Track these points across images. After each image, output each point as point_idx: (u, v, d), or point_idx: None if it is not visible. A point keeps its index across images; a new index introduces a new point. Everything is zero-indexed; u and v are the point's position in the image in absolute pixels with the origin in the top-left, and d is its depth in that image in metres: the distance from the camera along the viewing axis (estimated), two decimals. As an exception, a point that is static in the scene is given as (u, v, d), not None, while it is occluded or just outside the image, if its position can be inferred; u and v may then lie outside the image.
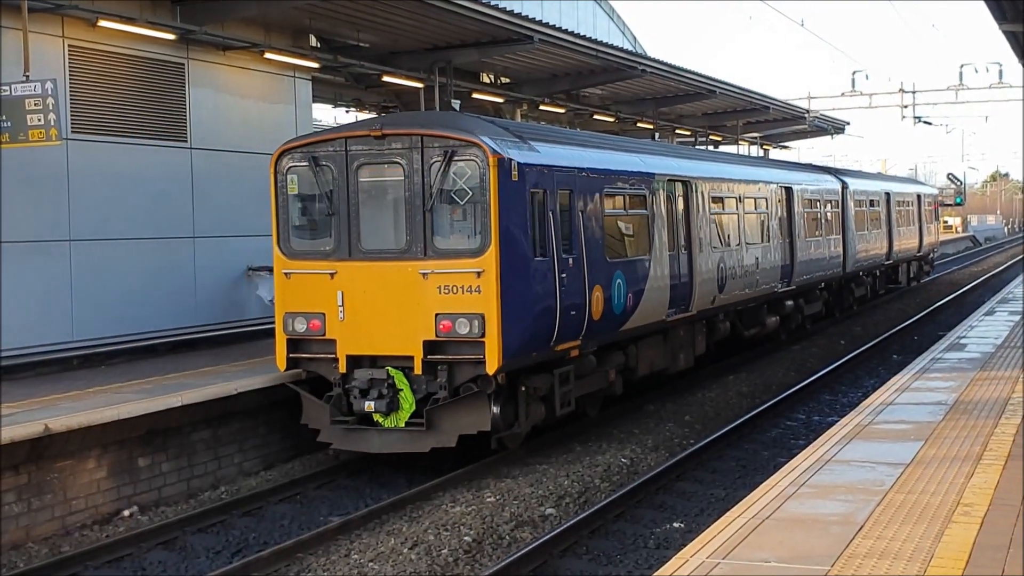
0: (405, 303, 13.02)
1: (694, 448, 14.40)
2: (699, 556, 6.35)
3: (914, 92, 46.44)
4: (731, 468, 13.91)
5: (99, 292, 15.96)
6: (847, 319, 29.16)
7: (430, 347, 12.94)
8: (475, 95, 24.89)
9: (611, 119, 31.65)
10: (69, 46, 15.57)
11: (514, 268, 12.96)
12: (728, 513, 7.34)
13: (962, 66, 44.23)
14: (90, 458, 11.97)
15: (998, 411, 10.59)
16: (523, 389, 13.54)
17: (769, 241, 22.16)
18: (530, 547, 10.19)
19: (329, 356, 13.40)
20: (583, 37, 23.37)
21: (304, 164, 13.63)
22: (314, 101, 21.98)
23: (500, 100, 26.64)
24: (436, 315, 12.85)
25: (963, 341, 16.54)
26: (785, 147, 50.24)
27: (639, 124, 33.18)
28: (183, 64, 17.49)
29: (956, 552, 6.30)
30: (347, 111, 36.91)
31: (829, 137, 49.17)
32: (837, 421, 10.96)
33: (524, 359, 13.26)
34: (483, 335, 12.70)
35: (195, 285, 17.64)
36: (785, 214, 23.40)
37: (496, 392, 13.00)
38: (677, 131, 36.88)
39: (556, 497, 12.25)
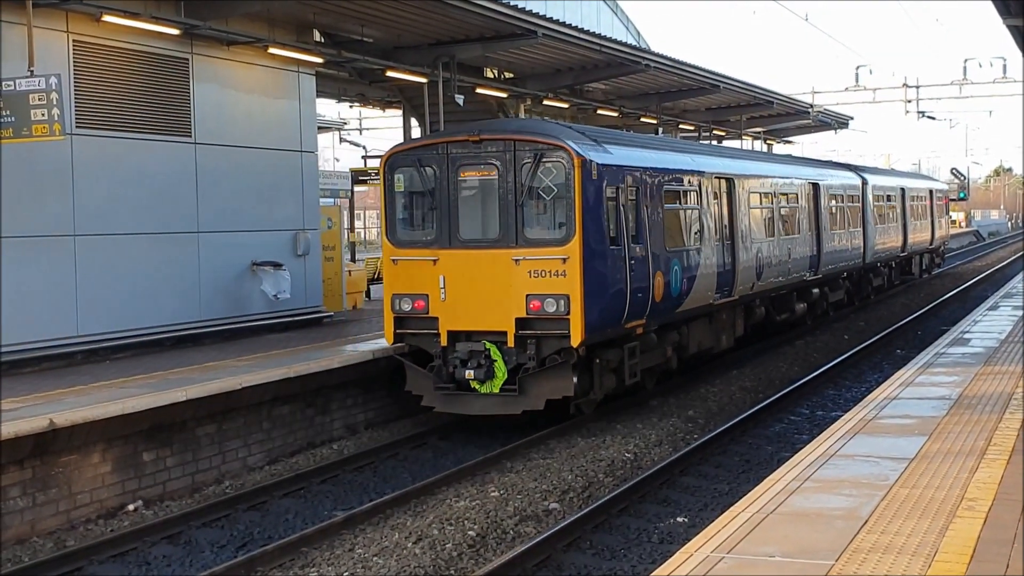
0: (499, 286, 14.87)
1: (698, 443, 14.41)
2: (703, 551, 6.36)
3: (918, 87, 46.40)
4: (735, 463, 13.91)
5: (103, 287, 15.98)
6: (855, 312, 29.17)
7: (521, 323, 14.80)
8: (479, 90, 24.88)
9: (615, 114, 31.61)
10: (73, 41, 15.57)
11: (594, 255, 14.84)
12: (732, 508, 7.35)
13: (966, 61, 44.24)
14: (95, 453, 12.00)
15: (1002, 406, 10.59)
16: (597, 361, 15.45)
17: (799, 233, 23.99)
18: (534, 541, 10.21)
19: (432, 332, 15.25)
20: (587, 32, 23.35)
21: (410, 166, 15.52)
22: (318, 96, 21.99)
23: (504, 95, 26.62)
24: (527, 296, 14.72)
25: (967, 336, 16.54)
26: (789, 142, 50.17)
27: (643, 119, 33.13)
28: (187, 59, 17.49)
29: (960, 547, 6.31)
30: (351, 106, 36.96)
31: (833, 132, 49.06)
32: (841, 416, 10.96)
33: (600, 334, 15.13)
34: (568, 313, 14.56)
35: (199, 280, 17.66)
36: (812, 208, 25.12)
37: (577, 363, 14.85)
38: (681, 126, 36.83)
39: (560, 491, 12.27)
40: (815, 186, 25.50)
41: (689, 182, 18.30)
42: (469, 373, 14.88)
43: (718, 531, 6.76)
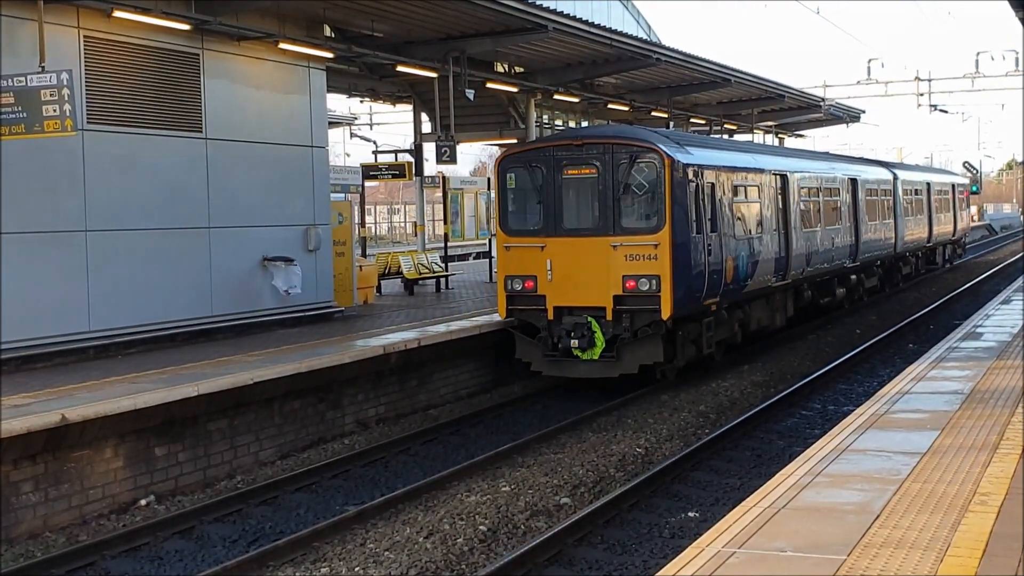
0: (599, 268, 17.23)
1: (709, 437, 14.39)
2: (715, 545, 6.34)
3: (930, 80, 46.23)
4: (746, 458, 13.89)
5: (115, 282, 16.01)
6: (862, 308, 29.11)
7: (618, 300, 17.15)
8: (489, 84, 24.86)
9: (625, 108, 31.55)
10: (84, 37, 15.60)
11: (680, 242, 17.18)
12: (744, 502, 7.33)
13: (978, 54, 44.04)
14: (107, 448, 12.03)
15: (1015, 401, 10.55)
16: (680, 333, 17.82)
17: (841, 224, 26.33)
18: (545, 536, 10.21)
19: (539, 308, 17.62)
20: (597, 26, 23.30)
21: (520, 166, 18.06)
22: (328, 91, 21.98)
23: (514, 90, 26.60)
24: (623, 276, 17.08)
25: (979, 330, 16.48)
26: (800, 135, 50.01)
27: (653, 113, 33.08)
28: (198, 54, 17.50)
29: (973, 542, 6.29)
30: (361, 101, 36.95)
31: (844, 126, 48.92)
32: (853, 410, 10.93)
33: (684, 309, 17.46)
34: (659, 291, 16.93)
35: (211, 275, 17.68)
36: (852, 201, 27.49)
37: (664, 334, 17.25)
38: (692, 120, 36.75)
39: (571, 486, 12.27)
40: (854, 181, 27.77)
41: (752, 178, 20.76)
42: (574, 343, 17.15)
43: (729, 526, 6.74)
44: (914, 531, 6.50)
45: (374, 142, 40.35)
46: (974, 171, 70.50)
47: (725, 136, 39.61)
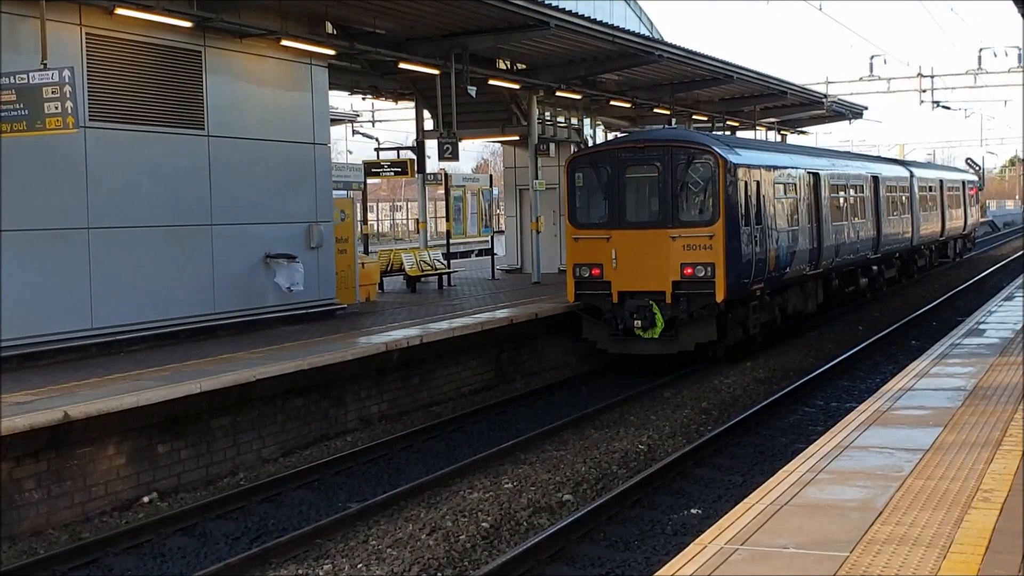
0: (659, 256, 19.31)
1: (712, 434, 14.40)
2: (717, 542, 6.34)
3: (932, 76, 46.06)
4: (749, 454, 13.89)
5: (118, 279, 16.01)
6: (865, 305, 29.11)
7: (676, 285, 19.20)
8: (491, 81, 24.84)
9: (627, 105, 31.52)
10: (86, 34, 15.59)
11: (732, 233, 19.31)
12: (746, 499, 7.32)
13: (981, 50, 43.80)
14: (109, 445, 12.04)
15: (1017, 397, 10.54)
16: (730, 315, 19.83)
17: (864, 218, 28.43)
18: (548, 533, 10.21)
19: (605, 292, 19.66)
20: (599, 23, 23.28)
21: (587, 166, 20.32)
22: (330, 88, 21.95)
23: (516, 86, 26.58)
24: (680, 264, 19.18)
25: (982, 327, 16.46)
26: (803, 132, 49.94)
27: (656, 110, 33.03)
28: (200, 52, 17.49)
29: (976, 538, 6.28)
30: (363, 98, 36.91)
31: (847, 122, 48.82)
32: (855, 407, 10.92)
33: (735, 293, 19.52)
34: (713, 277, 19.06)
35: (213, 272, 17.67)
36: (874, 197, 29.52)
37: (717, 316, 19.26)
38: (694, 117, 36.71)
39: (573, 483, 12.27)
40: (876, 179, 29.98)
41: (791, 176, 22.94)
42: (637, 323, 19.20)
43: (732, 523, 6.74)
44: (917, 528, 6.50)
45: (376, 139, 40.43)
46: (977, 167, 70.40)
47: (727, 132, 39.61)
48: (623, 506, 11.40)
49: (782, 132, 45.22)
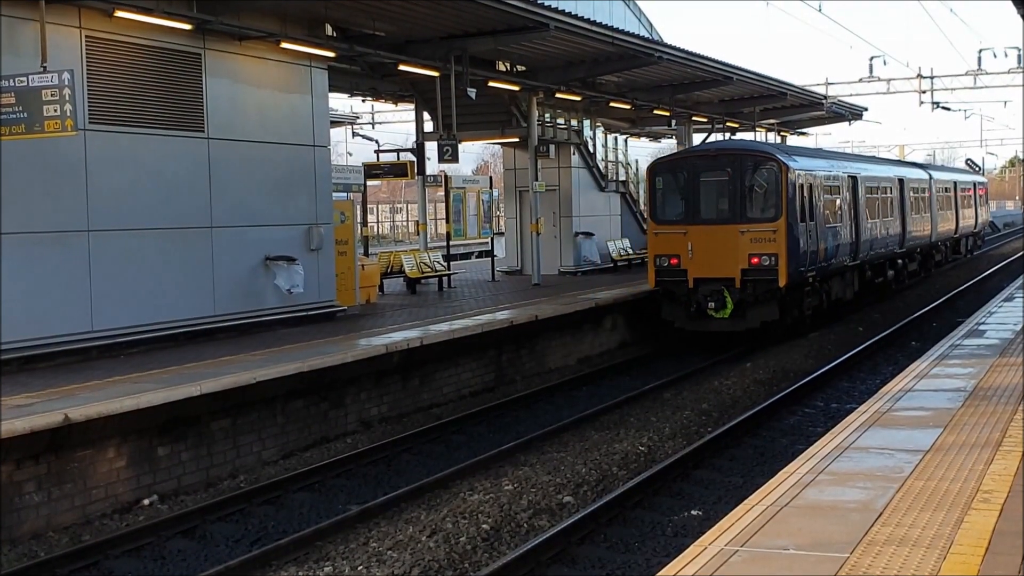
0: (729, 248, 22.38)
1: (712, 436, 14.39)
2: (717, 544, 6.34)
3: (932, 77, 46.05)
4: (749, 456, 13.89)
5: (118, 282, 16.01)
6: (865, 306, 29.12)
7: (744, 272, 22.30)
8: (491, 83, 24.85)
9: (627, 106, 31.52)
10: (86, 37, 15.59)
11: (792, 228, 22.40)
12: (746, 501, 7.32)
13: (980, 51, 43.83)
14: (110, 447, 12.04)
15: (1017, 398, 10.54)
16: (788, 299, 22.75)
17: (893, 217, 31.63)
18: (548, 535, 10.21)
19: (682, 279, 22.66)
20: (599, 24, 23.29)
21: (667, 171, 23.84)
22: (330, 91, 21.97)
23: (516, 88, 26.58)
24: (748, 254, 22.29)
25: (982, 328, 16.46)
26: (803, 133, 49.94)
27: (656, 111, 33.05)
28: (200, 54, 17.50)
29: (975, 539, 6.28)
30: (363, 100, 36.94)
31: (847, 123, 48.80)
32: (855, 408, 10.92)
33: (793, 280, 22.54)
34: (776, 265, 22.17)
35: (213, 275, 17.68)
36: (899, 197, 32.67)
37: (779, 299, 22.34)
38: (694, 118, 36.71)
39: (574, 485, 12.27)
40: (901, 181, 33.20)
41: (835, 179, 25.99)
42: (710, 305, 22.30)
43: (732, 524, 6.74)
44: (917, 529, 6.50)
45: (376, 141, 40.36)
46: (976, 168, 70.36)
47: (727, 135, 39.75)
48: (623, 508, 11.39)
49: (782, 133, 45.22)
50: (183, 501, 12.45)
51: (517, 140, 29.33)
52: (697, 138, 37.73)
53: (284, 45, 18.74)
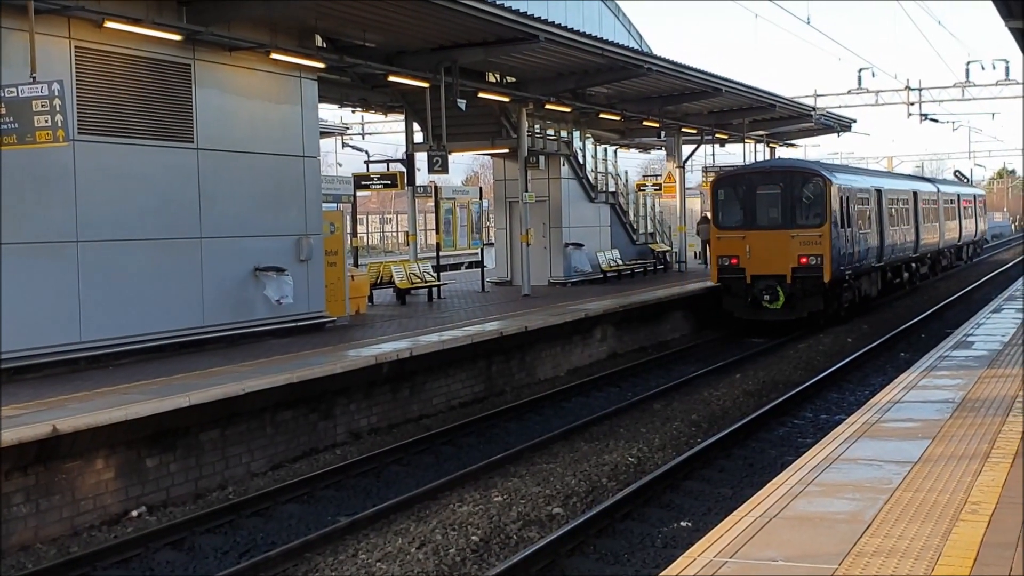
0: (781, 250, 26.78)
1: (701, 447, 14.39)
2: (706, 555, 6.34)
3: (920, 89, 46.29)
4: (738, 467, 13.89)
5: (107, 293, 15.98)
6: (854, 317, 29.21)
7: (794, 270, 26.69)
8: (481, 94, 24.88)
9: (617, 118, 31.59)
10: (75, 47, 15.59)
11: (834, 233, 26.86)
12: (735, 512, 7.33)
13: (968, 63, 44.13)
14: (98, 459, 12.00)
15: (1006, 409, 10.57)
16: (830, 293, 26.89)
17: (908, 225, 36.47)
18: (537, 546, 10.19)
19: (740, 276, 27.12)
20: (589, 36, 23.35)
21: (728, 185, 28.24)
22: (320, 101, 21.98)
23: (506, 99, 26.63)
24: (798, 255, 26.68)
25: (970, 339, 16.51)
26: (792, 145, 50.08)
27: (645, 123, 33.12)
28: (189, 65, 17.50)
29: (964, 550, 6.30)
30: (353, 111, 36.93)
31: (835, 135, 48.95)
32: (844, 419, 10.94)
33: (835, 277, 26.88)
34: (822, 264, 26.60)
35: (202, 286, 17.65)
36: (913, 208, 37.39)
37: (822, 293, 26.68)
38: (683, 129, 36.80)
39: (563, 496, 12.26)
40: (915, 193, 38.11)
41: (866, 192, 30.65)
42: (765, 298, 26.75)
43: (721, 535, 6.74)
44: (905, 540, 6.51)
45: (366, 152, 40.29)
46: (965, 180, 70.57)
47: (716, 147, 39.88)
48: (613, 519, 11.39)
49: (771, 145, 45.35)
50: (171, 513, 12.41)
51: (507, 151, 29.37)
52: (686, 149, 37.85)
53: (274, 56, 18.75)
